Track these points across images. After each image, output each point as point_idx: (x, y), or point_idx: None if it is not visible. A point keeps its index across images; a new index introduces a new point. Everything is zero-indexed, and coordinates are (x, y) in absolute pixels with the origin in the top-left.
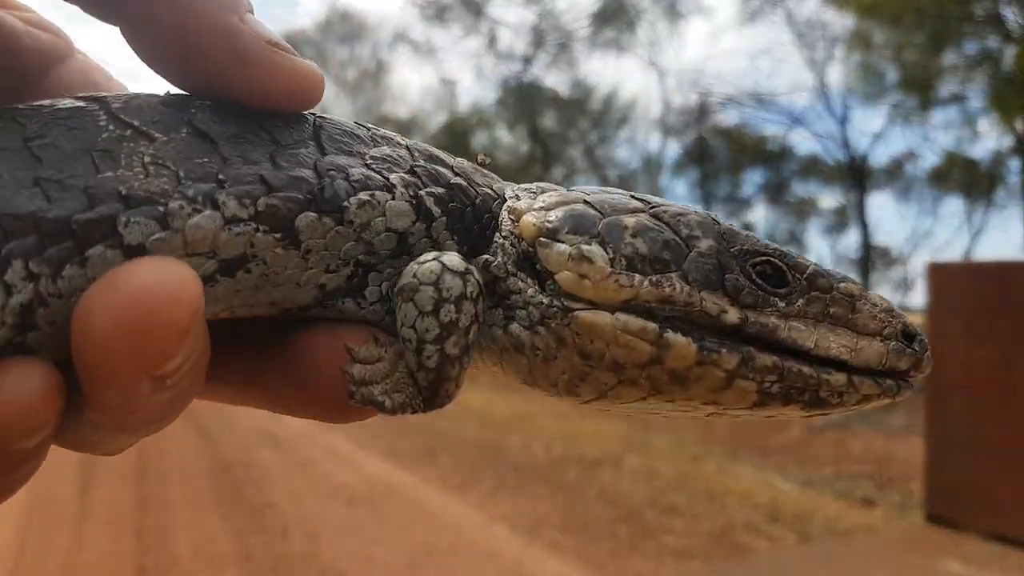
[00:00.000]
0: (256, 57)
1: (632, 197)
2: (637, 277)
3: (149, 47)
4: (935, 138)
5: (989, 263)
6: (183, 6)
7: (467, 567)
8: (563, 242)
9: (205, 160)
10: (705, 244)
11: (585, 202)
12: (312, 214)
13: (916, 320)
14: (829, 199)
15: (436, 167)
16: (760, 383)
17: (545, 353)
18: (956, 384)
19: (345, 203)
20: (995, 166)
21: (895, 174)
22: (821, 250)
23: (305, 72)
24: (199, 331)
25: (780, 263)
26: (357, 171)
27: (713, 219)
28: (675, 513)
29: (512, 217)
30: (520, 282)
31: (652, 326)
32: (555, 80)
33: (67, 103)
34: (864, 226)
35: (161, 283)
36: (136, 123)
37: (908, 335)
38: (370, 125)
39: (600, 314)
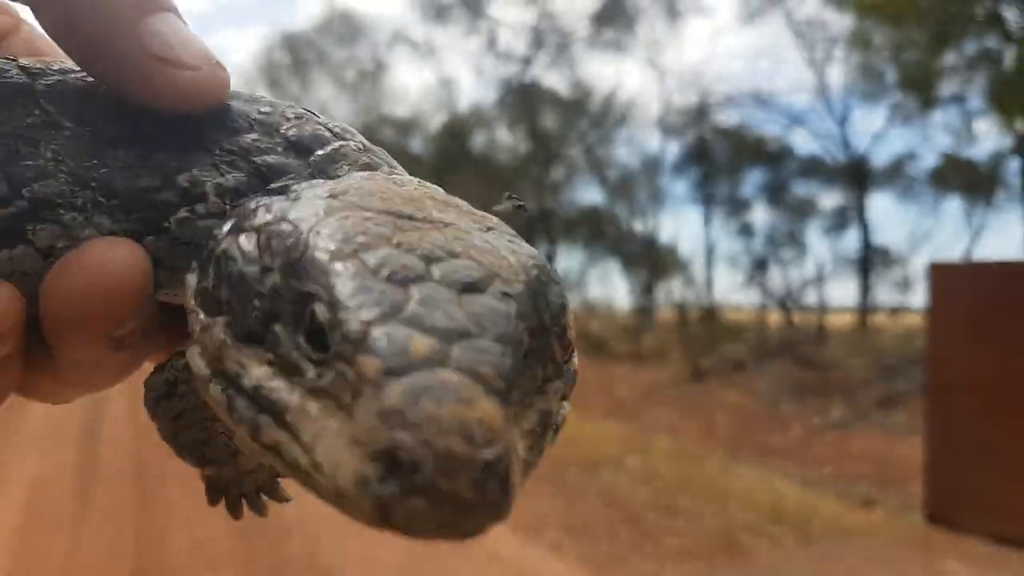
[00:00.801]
0: (148, 75)
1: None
2: (201, 316)
3: (54, 35)
4: (935, 138)
5: (990, 263)
6: (84, 17)
7: (467, 568)
8: (190, 265)
9: (92, 162)
10: (271, 280)
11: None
12: (151, 237)
13: (917, 321)
14: (829, 199)
15: (281, 160)
16: (275, 461)
17: None
18: (957, 385)
19: (167, 222)
20: (995, 167)
21: (895, 174)
22: (821, 250)
23: (201, 83)
24: (147, 300)
25: (326, 314)
26: (188, 175)
27: (306, 239)
28: (676, 514)
29: None
30: None
31: (205, 372)
32: (555, 80)
33: (10, 74)
34: (864, 226)
35: (116, 259)
36: (53, 111)
37: (395, 461)
38: (270, 106)
39: (192, 348)
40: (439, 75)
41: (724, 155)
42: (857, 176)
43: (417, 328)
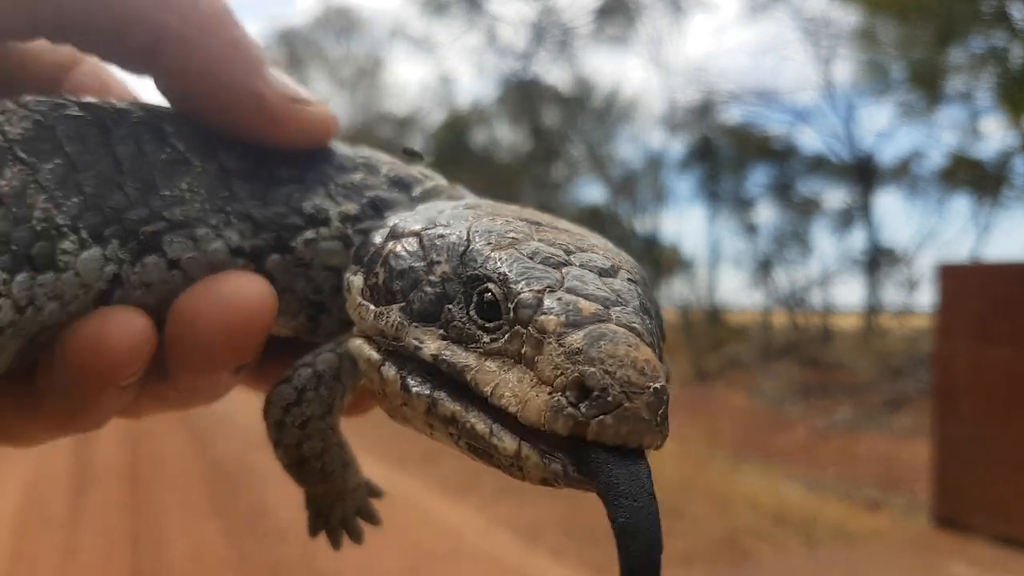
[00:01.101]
0: (281, 113)
1: (475, 214)
2: (371, 307)
3: (181, 103)
4: (941, 136)
5: (999, 264)
6: (213, 74)
7: (468, 572)
8: (348, 270)
9: (223, 194)
10: (440, 270)
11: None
12: (276, 255)
13: (924, 321)
14: (835, 198)
15: (390, 194)
16: (449, 434)
17: None
18: (964, 386)
19: (293, 242)
20: (1002, 165)
21: (902, 173)
22: (827, 249)
23: (321, 118)
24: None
25: (498, 290)
26: (312, 204)
27: (468, 237)
28: (680, 517)
29: None
30: None
31: (376, 357)
32: (556, 77)
33: (138, 114)
34: (870, 225)
35: (254, 295)
36: (183, 149)
37: (583, 388)
38: (369, 153)
39: (354, 340)
40: (438, 71)
41: (728, 153)
42: (863, 174)
43: (579, 295)
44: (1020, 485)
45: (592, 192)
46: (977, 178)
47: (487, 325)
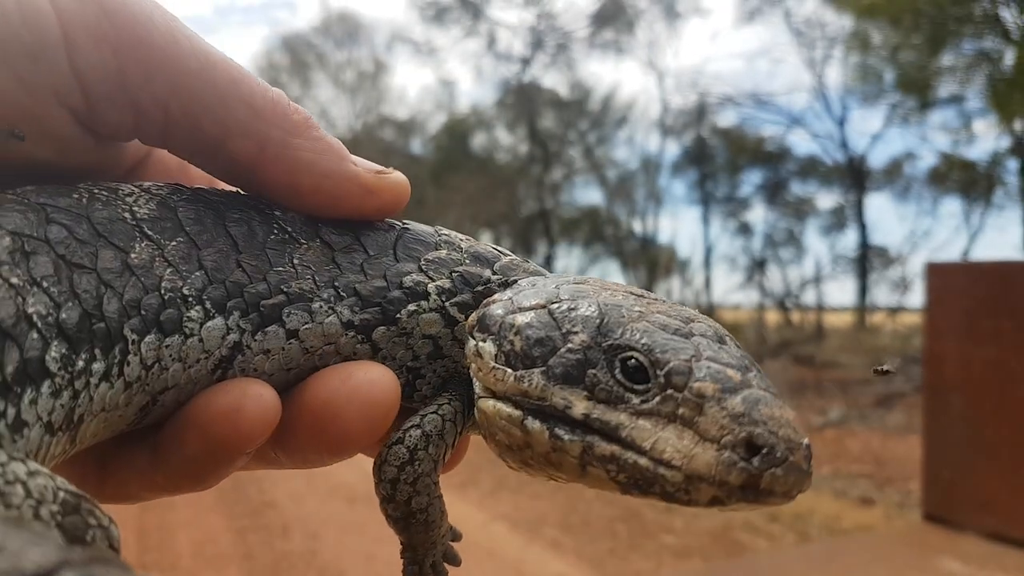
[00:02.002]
0: (374, 186)
1: (603, 289)
2: (509, 371)
3: (287, 198)
4: (933, 138)
5: (987, 263)
6: (317, 167)
7: (467, 566)
8: (472, 338)
9: (329, 267)
10: (578, 339)
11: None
12: (382, 327)
13: (913, 320)
14: (827, 199)
15: (475, 269)
16: (607, 471)
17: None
18: (954, 384)
19: (398, 314)
20: (993, 167)
21: (893, 174)
22: (819, 250)
23: (401, 184)
24: None
25: (644, 359)
26: (411, 278)
27: (600, 311)
28: (674, 512)
29: None
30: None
31: (517, 414)
32: (554, 81)
33: (244, 200)
34: (862, 226)
35: (389, 386)
36: (290, 230)
37: (752, 447)
38: (444, 231)
39: (487, 401)
40: (438, 76)
41: (723, 155)
42: (855, 176)
43: (721, 364)
44: (1009, 482)
45: (589, 194)
46: (968, 179)
47: (636, 388)
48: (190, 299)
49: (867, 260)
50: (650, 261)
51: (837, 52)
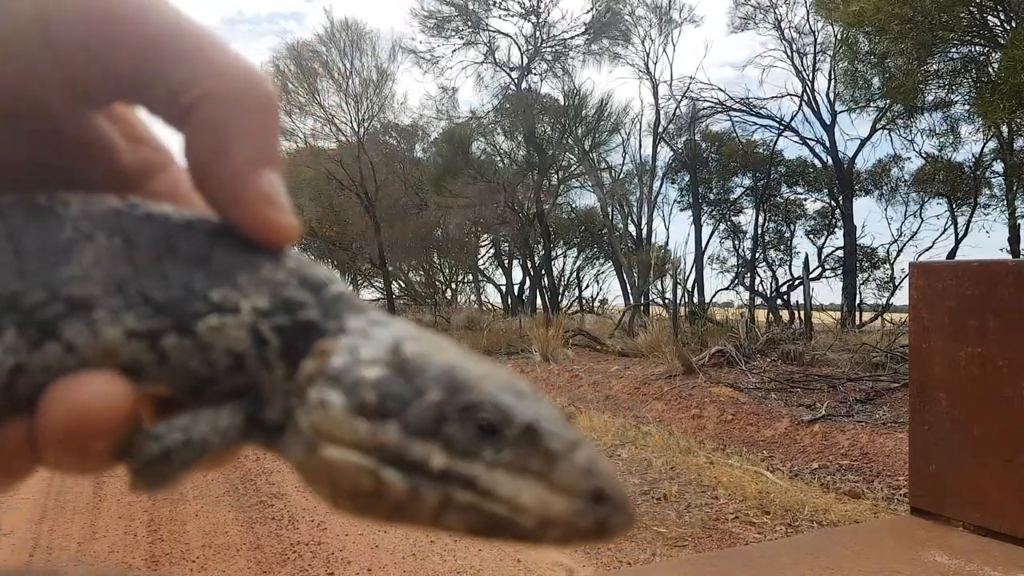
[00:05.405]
0: (278, 203)
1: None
2: (360, 423)
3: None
4: (920, 143)
5: (971, 262)
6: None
7: (467, 554)
8: (313, 389)
9: (124, 269)
10: (430, 398)
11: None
12: (174, 337)
13: (903, 319)
14: (816, 203)
15: (299, 294)
16: (464, 518)
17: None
18: (940, 382)
19: (195, 326)
20: (979, 170)
21: (881, 177)
22: (808, 251)
23: (294, 228)
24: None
25: (494, 417)
26: (220, 292)
27: (449, 369)
28: (667, 503)
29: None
30: None
31: (370, 464)
32: (551, 88)
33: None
34: (851, 229)
35: (103, 395)
36: (90, 226)
37: (600, 496)
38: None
39: (332, 450)
40: (439, 84)
41: (714, 160)
42: (843, 180)
43: (557, 423)
44: (995, 477)
45: (585, 198)
46: (954, 182)
47: (489, 442)
48: None
49: (855, 262)
50: (643, 262)
51: (826, 60)
